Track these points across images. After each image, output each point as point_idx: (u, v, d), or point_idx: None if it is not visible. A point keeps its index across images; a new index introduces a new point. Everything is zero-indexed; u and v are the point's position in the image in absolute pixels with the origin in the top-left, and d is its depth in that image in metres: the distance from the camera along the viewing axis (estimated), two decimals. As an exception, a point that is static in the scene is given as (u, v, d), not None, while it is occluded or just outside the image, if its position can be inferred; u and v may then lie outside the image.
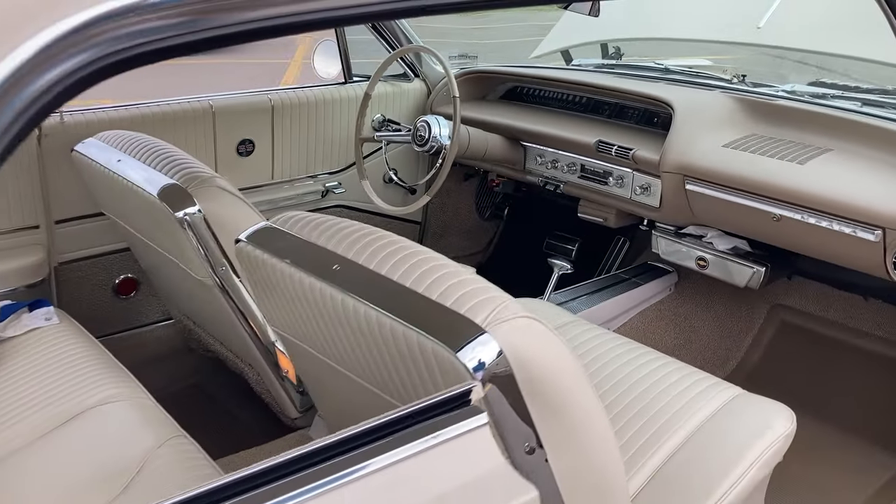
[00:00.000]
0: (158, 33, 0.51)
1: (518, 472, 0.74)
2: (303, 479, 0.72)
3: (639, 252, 2.63)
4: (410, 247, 1.08)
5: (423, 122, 2.26)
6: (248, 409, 2.09)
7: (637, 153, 2.10)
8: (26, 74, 0.46)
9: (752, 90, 2.24)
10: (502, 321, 0.92)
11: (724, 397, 1.53)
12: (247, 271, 1.30)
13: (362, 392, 1.20)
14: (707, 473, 1.37)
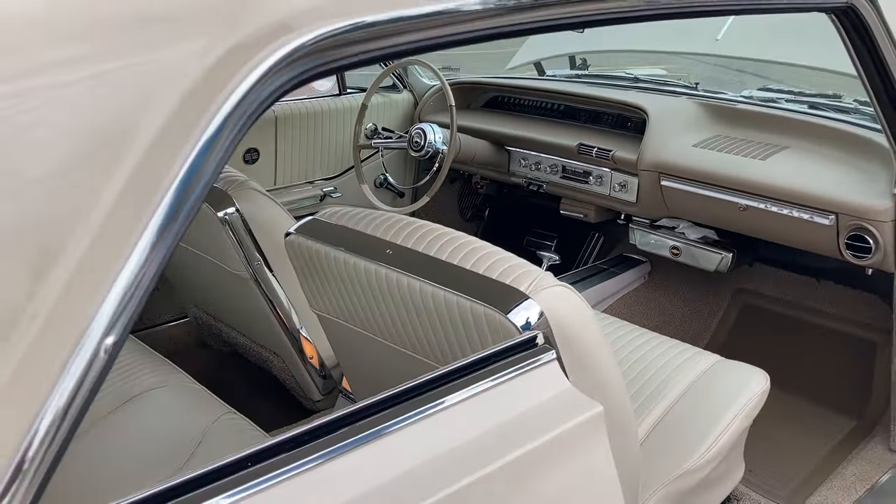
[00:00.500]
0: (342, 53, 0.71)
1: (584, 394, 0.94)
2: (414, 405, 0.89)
3: (613, 245, 2.87)
4: (452, 233, 1.27)
5: (419, 129, 2.46)
6: (268, 398, 2.25)
7: (616, 154, 2.34)
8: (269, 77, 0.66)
9: (713, 96, 2.50)
10: (542, 289, 1.12)
11: (706, 363, 1.76)
12: (296, 260, 1.47)
13: (403, 359, 1.38)
14: (697, 426, 1.59)
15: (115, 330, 0.62)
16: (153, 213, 0.62)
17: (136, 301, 0.63)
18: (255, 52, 0.65)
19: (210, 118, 0.62)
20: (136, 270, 0.61)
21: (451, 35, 0.85)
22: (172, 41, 0.63)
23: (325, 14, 0.72)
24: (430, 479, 0.78)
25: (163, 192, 0.61)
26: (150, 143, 0.60)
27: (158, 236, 0.61)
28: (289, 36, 0.68)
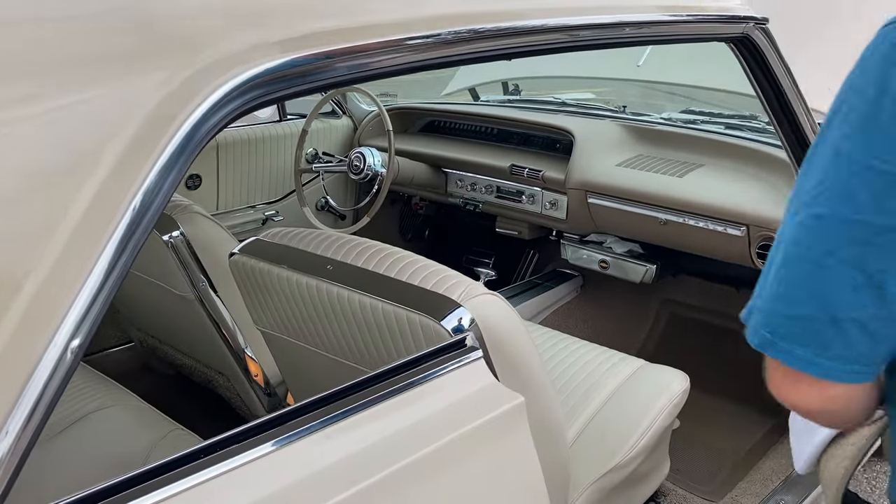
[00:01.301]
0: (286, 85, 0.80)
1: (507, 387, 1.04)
2: (343, 404, 0.97)
3: (547, 261, 3.00)
4: (389, 248, 1.36)
5: (358, 153, 2.55)
6: (215, 418, 2.29)
7: (546, 174, 2.47)
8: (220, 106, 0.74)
9: (636, 118, 2.65)
10: (473, 297, 1.21)
11: (631, 368, 1.87)
12: (240, 279, 1.54)
13: (345, 370, 1.45)
14: (623, 426, 1.70)
15: (80, 333, 0.69)
16: (114, 231, 0.70)
17: (99, 308, 0.70)
18: (207, 84, 0.74)
19: (165, 144, 0.71)
20: (99, 280, 0.69)
21: (386, 67, 0.95)
22: (131, 75, 0.72)
23: (270, 50, 0.82)
24: (354, 472, 0.86)
25: (122, 211, 0.69)
26: (111, 167, 0.68)
27: (119, 250, 0.69)
28: (238, 69, 0.77)
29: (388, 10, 0.96)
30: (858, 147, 0.65)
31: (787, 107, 1.72)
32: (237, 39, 0.80)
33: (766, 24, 1.60)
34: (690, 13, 1.54)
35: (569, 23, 1.29)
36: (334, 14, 0.89)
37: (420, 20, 1.02)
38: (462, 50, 1.09)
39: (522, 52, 1.23)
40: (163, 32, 0.76)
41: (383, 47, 0.94)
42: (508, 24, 1.17)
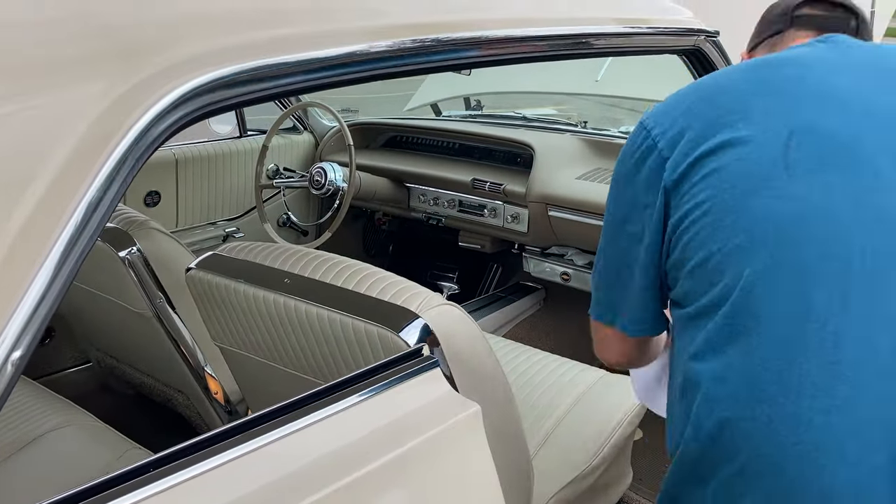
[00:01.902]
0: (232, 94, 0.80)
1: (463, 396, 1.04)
2: (298, 415, 0.96)
3: (510, 274, 3.01)
4: (347, 261, 1.36)
5: (319, 168, 2.55)
6: (174, 437, 2.24)
7: (507, 188, 2.49)
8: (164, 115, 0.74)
9: (595, 132, 2.69)
10: (431, 307, 1.22)
11: (593, 378, 1.89)
12: (198, 295, 1.52)
13: (304, 384, 1.44)
14: (585, 436, 1.70)
15: (21, 345, 0.67)
16: (56, 240, 0.69)
17: (41, 319, 0.69)
18: (151, 93, 0.74)
19: (109, 154, 0.70)
20: (41, 291, 0.68)
21: (338, 76, 0.95)
22: (72, 84, 0.71)
23: (213, 59, 0.81)
24: (310, 482, 0.86)
25: (65, 220, 0.68)
26: (53, 177, 0.67)
27: (61, 261, 0.68)
28: (182, 79, 0.76)
29: (342, 18, 0.96)
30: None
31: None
32: (184, 47, 0.79)
33: (717, 36, 1.63)
34: (644, 26, 1.57)
35: (527, 34, 1.31)
36: (286, 22, 0.89)
37: (379, 29, 1.03)
38: (421, 60, 1.10)
39: (482, 62, 1.25)
40: (108, 40, 0.75)
41: (341, 58, 0.94)
42: (468, 34, 1.18)
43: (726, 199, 0.91)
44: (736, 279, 0.90)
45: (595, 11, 1.52)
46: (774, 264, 0.88)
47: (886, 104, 0.93)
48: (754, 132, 0.92)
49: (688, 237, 0.94)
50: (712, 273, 0.92)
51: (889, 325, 0.84)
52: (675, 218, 0.96)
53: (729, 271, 0.90)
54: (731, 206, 0.90)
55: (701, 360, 0.94)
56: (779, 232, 0.88)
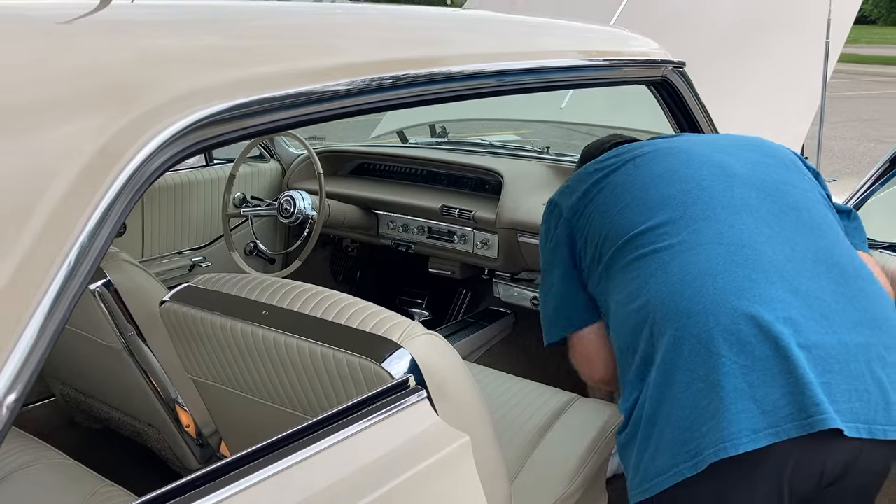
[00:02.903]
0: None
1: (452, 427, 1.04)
2: (283, 454, 0.95)
3: (479, 300, 3.03)
4: (325, 291, 1.36)
5: (288, 196, 2.54)
6: (145, 472, 2.21)
7: (477, 214, 2.51)
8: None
9: (558, 158, 2.73)
10: (413, 338, 1.22)
11: (565, 402, 1.90)
12: (172, 327, 1.51)
13: (282, 416, 1.43)
14: (562, 460, 1.71)
15: (15, 389, 0.67)
16: (51, 283, 0.68)
17: (36, 362, 0.68)
18: (146, 130, 0.74)
19: (105, 190, 0.70)
20: (34, 334, 0.67)
21: (318, 112, 0.96)
22: (68, 122, 0.71)
23: (207, 97, 0.82)
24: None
25: (60, 261, 0.68)
26: (51, 211, 0.67)
27: (59, 295, 0.67)
28: (176, 116, 0.77)
29: (325, 55, 0.97)
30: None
31: (705, 145, 1.80)
32: (173, 86, 0.80)
33: (683, 67, 1.68)
34: (612, 58, 1.61)
35: (496, 68, 1.33)
36: (273, 59, 0.90)
37: (354, 65, 1.04)
38: (394, 95, 1.11)
39: (457, 96, 1.27)
40: (101, 79, 0.75)
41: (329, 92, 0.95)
42: (445, 69, 1.20)
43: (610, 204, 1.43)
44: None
45: (564, 46, 1.56)
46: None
47: (701, 152, 1.44)
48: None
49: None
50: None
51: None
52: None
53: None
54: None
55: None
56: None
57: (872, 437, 1.14)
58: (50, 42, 0.81)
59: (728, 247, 1.26)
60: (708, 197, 1.34)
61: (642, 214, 1.35)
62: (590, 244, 1.43)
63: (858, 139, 10.07)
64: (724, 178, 1.37)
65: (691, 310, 1.21)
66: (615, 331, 1.37)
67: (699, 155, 1.42)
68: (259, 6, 1.27)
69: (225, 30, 1.03)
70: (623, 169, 1.44)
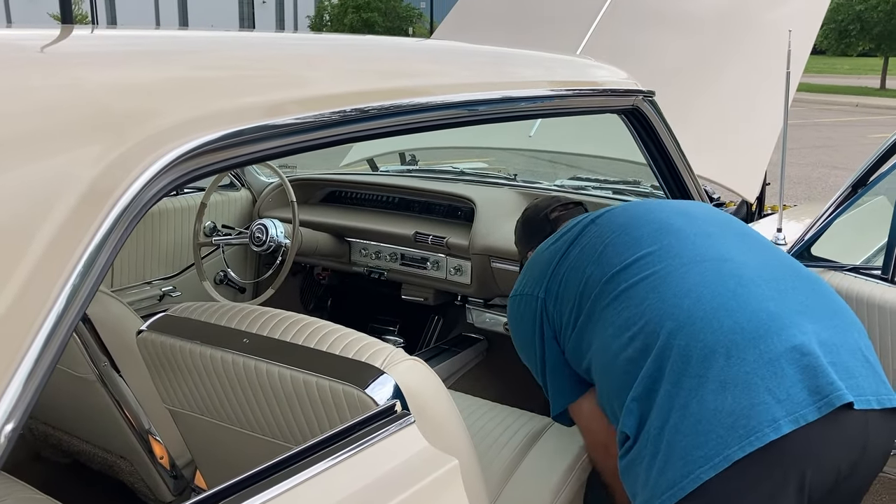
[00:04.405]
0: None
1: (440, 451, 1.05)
2: (268, 484, 0.94)
3: (451, 326, 3.04)
4: (306, 318, 1.36)
5: (260, 225, 2.54)
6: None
7: (450, 240, 2.53)
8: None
9: (531, 185, 2.77)
10: (396, 363, 1.23)
11: (541, 426, 1.92)
12: (149, 357, 1.49)
13: (263, 445, 1.42)
14: (542, 483, 1.73)
15: (13, 418, 0.66)
16: (47, 315, 0.68)
17: (31, 395, 0.68)
18: (143, 158, 0.75)
19: (103, 218, 0.70)
20: (35, 359, 0.67)
21: (295, 144, 0.98)
22: (65, 151, 0.71)
23: (196, 127, 0.83)
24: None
25: (61, 285, 0.68)
26: (50, 239, 0.67)
27: (56, 324, 0.68)
28: (169, 146, 0.78)
29: (314, 85, 0.99)
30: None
31: (674, 170, 1.85)
32: (169, 115, 0.81)
33: (653, 96, 1.73)
34: (583, 88, 1.65)
35: (467, 98, 1.36)
36: (267, 88, 0.92)
37: (328, 97, 1.06)
38: (368, 126, 1.14)
39: (428, 126, 1.29)
40: (97, 108, 0.76)
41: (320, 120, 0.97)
42: (417, 100, 1.23)
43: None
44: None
45: (535, 76, 1.60)
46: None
47: (661, 218, 1.51)
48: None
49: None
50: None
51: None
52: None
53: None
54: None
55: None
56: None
57: (882, 406, 1.23)
58: (29, 72, 0.81)
59: (712, 262, 1.36)
60: (677, 230, 1.44)
61: (619, 255, 1.43)
62: (566, 303, 1.49)
63: (812, 165, 10.36)
64: (685, 217, 1.49)
65: (693, 318, 1.28)
66: (605, 372, 1.41)
67: (656, 206, 1.54)
68: (231, 37, 1.29)
69: (199, 61, 1.04)
70: (584, 233, 1.53)
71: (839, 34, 25.48)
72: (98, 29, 1.16)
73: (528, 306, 1.60)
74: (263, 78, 1.03)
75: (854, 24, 24.70)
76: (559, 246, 1.56)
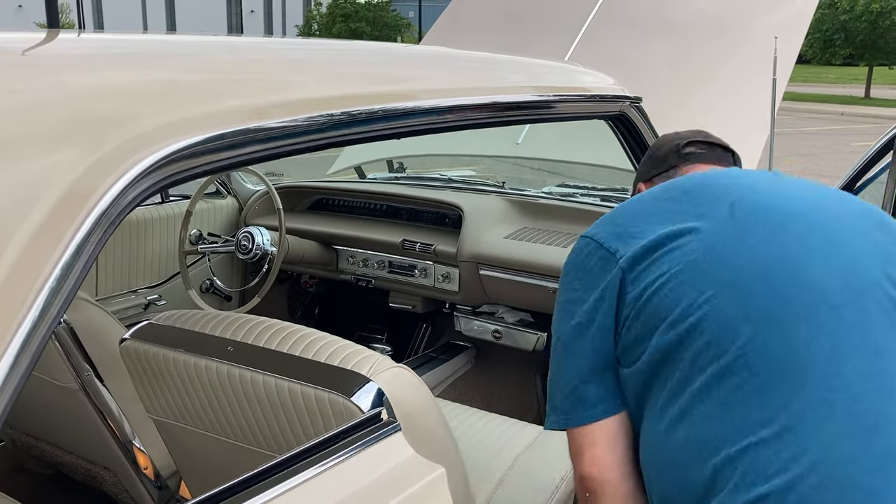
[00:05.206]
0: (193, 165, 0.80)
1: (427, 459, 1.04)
2: (253, 493, 0.93)
3: (440, 334, 3.03)
4: (291, 326, 1.34)
5: (247, 233, 2.52)
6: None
7: (438, 248, 2.52)
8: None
9: (519, 192, 2.77)
10: (382, 371, 1.22)
11: (531, 435, 1.91)
12: (133, 366, 1.47)
13: (248, 455, 1.40)
14: (531, 493, 1.71)
15: (-14, 428, 0.65)
16: (23, 320, 0.67)
17: (7, 398, 0.66)
18: (121, 163, 0.73)
19: (82, 221, 0.69)
20: (10, 364, 0.65)
21: (277, 148, 0.97)
22: (44, 154, 0.70)
23: (177, 130, 0.82)
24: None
25: (37, 289, 0.66)
26: (28, 241, 0.66)
27: (33, 329, 0.66)
28: (149, 149, 0.76)
29: (300, 89, 0.98)
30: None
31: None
32: (151, 118, 0.80)
33: (640, 102, 1.73)
34: (570, 94, 1.65)
35: (455, 104, 1.36)
36: (253, 91, 0.91)
37: (314, 101, 1.05)
38: (355, 130, 1.13)
39: (416, 131, 1.29)
40: (77, 111, 0.75)
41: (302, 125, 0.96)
42: (405, 104, 1.22)
43: (689, 266, 1.04)
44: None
45: (523, 81, 1.60)
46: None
47: (795, 196, 1.12)
48: (701, 222, 1.07)
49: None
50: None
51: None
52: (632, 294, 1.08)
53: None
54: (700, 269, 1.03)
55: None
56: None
57: None
58: (11, 75, 0.80)
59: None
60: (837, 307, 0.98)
61: (778, 338, 0.97)
62: (651, 317, 1.05)
63: (798, 173, 10.42)
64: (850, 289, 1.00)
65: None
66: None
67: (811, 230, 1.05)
68: (217, 41, 1.28)
69: (183, 64, 1.03)
70: (708, 232, 1.05)
71: (824, 43, 25.71)
72: (85, 33, 1.15)
73: (598, 261, 1.12)
74: (249, 81, 1.02)
75: (839, 33, 24.94)
76: (676, 225, 1.08)
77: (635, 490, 1.10)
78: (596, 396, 1.11)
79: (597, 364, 1.11)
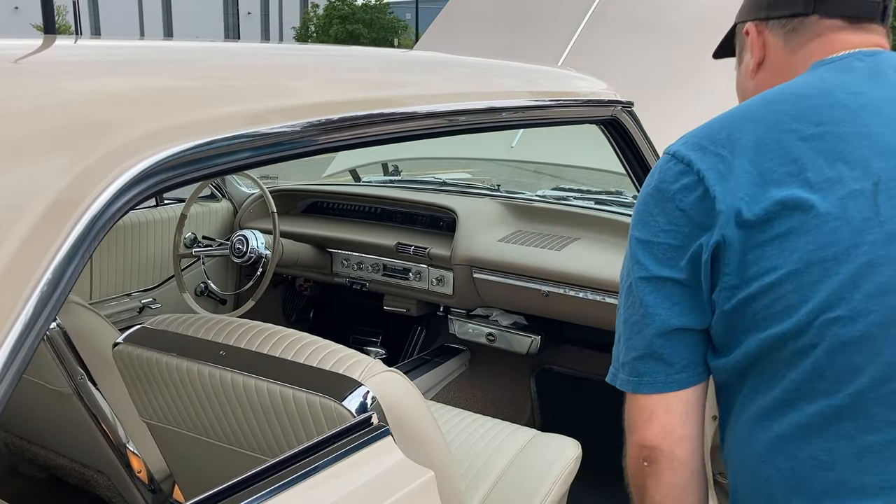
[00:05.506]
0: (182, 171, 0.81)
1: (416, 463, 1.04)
2: (244, 496, 0.94)
3: (434, 337, 3.03)
4: (283, 330, 1.35)
5: (241, 236, 2.52)
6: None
7: (431, 251, 2.53)
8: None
9: (513, 195, 2.78)
10: (373, 375, 1.22)
11: (524, 438, 1.91)
12: (126, 370, 1.48)
13: (241, 459, 1.41)
14: (523, 496, 1.72)
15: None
16: (11, 327, 0.67)
17: (1, 396, 0.67)
18: (110, 170, 0.74)
19: (72, 227, 0.69)
20: (4, 362, 0.66)
21: (273, 153, 0.97)
22: (34, 160, 0.71)
23: (177, 135, 0.82)
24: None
25: (27, 294, 0.67)
26: (17, 248, 0.66)
27: (23, 333, 0.67)
28: (140, 156, 0.77)
29: (292, 94, 0.99)
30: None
31: (654, 181, 1.85)
32: (144, 124, 0.80)
33: (632, 107, 1.74)
34: (563, 98, 1.65)
35: (449, 108, 1.36)
36: (249, 97, 0.91)
37: (311, 106, 1.06)
38: (351, 135, 1.13)
39: (410, 136, 1.29)
40: (66, 118, 0.75)
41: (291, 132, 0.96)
42: (399, 109, 1.23)
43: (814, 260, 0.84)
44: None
45: (515, 86, 1.60)
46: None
47: None
48: (832, 200, 0.85)
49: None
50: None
51: None
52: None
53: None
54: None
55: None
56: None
57: None
58: (5, 81, 0.80)
59: None
60: None
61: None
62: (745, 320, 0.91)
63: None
64: None
65: None
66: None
67: None
68: (209, 47, 1.28)
69: (181, 70, 1.03)
70: (842, 219, 0.84)
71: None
72: (81, 39, 1.15)
73: (696, 201, 0.92)
74: (245, 87, 1.03)
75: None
76: (799, 191, 0.86)
77: (702, 468, 0.99)
78: (680, 362, 0.95)
79: (685, 324, 0.94)
